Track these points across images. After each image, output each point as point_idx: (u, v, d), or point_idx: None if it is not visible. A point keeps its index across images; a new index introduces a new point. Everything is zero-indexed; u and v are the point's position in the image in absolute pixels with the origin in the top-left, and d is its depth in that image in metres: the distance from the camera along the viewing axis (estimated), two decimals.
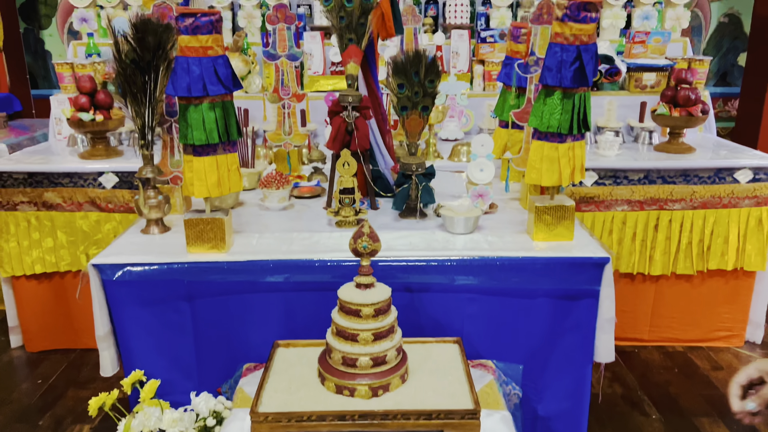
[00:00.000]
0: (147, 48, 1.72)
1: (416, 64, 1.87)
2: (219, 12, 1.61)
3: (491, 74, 3.23)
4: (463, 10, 3.40)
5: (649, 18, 3.38)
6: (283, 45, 2.42)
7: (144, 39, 1.71)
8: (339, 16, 1.99)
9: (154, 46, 1.73)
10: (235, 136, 1.69)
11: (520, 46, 2.18)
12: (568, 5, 1.52)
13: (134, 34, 1.71)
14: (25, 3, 4.17)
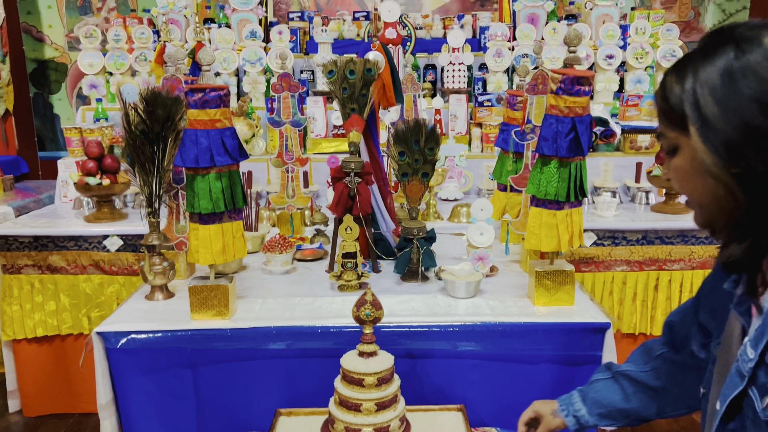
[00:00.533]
0: (156, 120, 1.78)
1: (416, 132, 1.94)
2: (227, 87, 1.67)
3: (489, 136, 3.31)
4: (460, 75, 3.50)
5: (642, 82, 3.49)
6: (287, 112, 2.49)
7: (154, 111, 1.77)
8: (342, 88, 2.07)
9: (164, 117, 1.79)
10: (241, 204, 1.73)
11: (516, 113, 2.25)
12: (562, 79, 1.59)
13: (144, 107, 1.77)
14: (36, 69, 4.31)
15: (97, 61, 3.47)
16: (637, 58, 3.46)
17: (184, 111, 1.76)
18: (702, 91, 0.78)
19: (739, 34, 0.79)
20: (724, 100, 0.77)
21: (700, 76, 0.79)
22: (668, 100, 0.84)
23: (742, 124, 0.76)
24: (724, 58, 0.78)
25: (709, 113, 0.78)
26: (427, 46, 3.77)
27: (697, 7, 4.36)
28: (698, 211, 0.88)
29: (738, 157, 0.77)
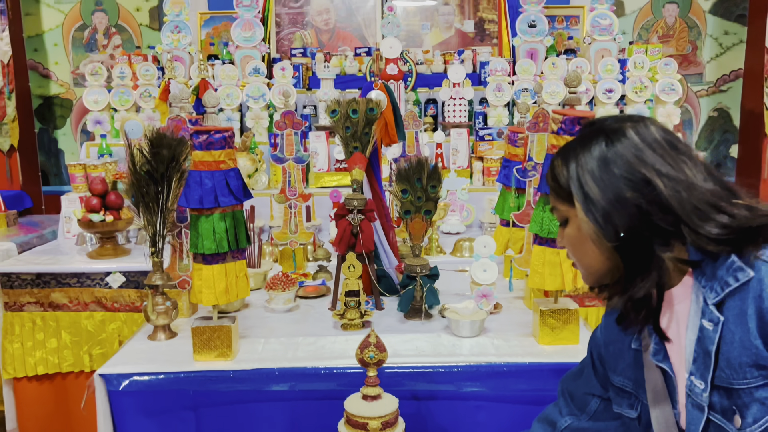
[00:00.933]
0: (161, 160, 1.80)
1: (419, 170, 1.95)
2: (231, 128, 1.69)
3: (490, 170, 3.33)
4: (461, 110, 3.54)
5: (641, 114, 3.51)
6: (290, 149, 2.52)
7: (159, 152, 1.79)
8: (345, 126, 2.09)
9: (168, 158, 1.80)
10: (244, 244, 1.73)
11: (517, 150, 2.27)
12: (562, 120, 1.61)
13: (150, 148, 1.79)
14: (42, 104, 4.37)
15: (102, 97, 3.51)
16: (637, 92, 3.50)
17: (189, 151, 1.78)
18: (583, 174, 0.98)
19: (607, 126, 1.00)
20: (601, 181, 0.96)
21: (581, 161, 0.99)
22: (557, 181, 1.03)
23: (615, 198, 0.95)
24: (598, 147, 0.98)
25: (590, 191, 0.97)
26: (428, 81, 3.82)
27: (694, 41, 4.43)
28: (585, 273, 1.06)
29: (612, 225, 0.95)
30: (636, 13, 4.44)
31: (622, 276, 0.98)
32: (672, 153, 0.96)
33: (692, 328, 0.96)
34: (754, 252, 0.91)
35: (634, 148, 0.96)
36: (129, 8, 4.35)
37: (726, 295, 0.92)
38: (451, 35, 4.28)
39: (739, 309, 0.91)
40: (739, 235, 0.91)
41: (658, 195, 0.92)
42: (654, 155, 0.95)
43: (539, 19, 3.77)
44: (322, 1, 4.24)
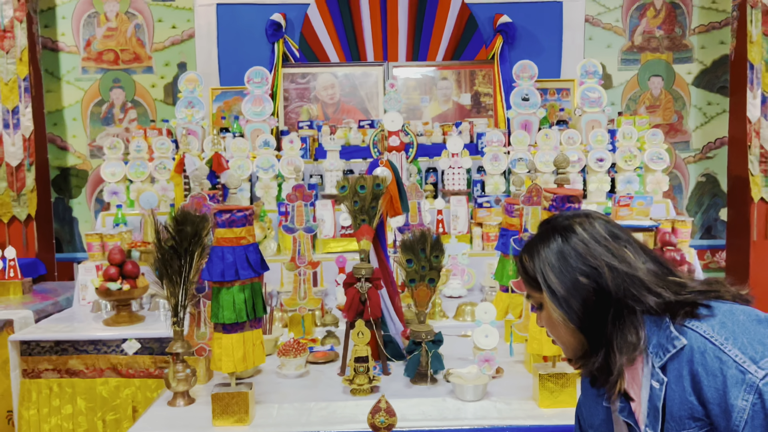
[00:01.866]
0: (185, 236, 1.94)
1: (422, 242, 2.10)
2: (251, 207, 1.85)
3: (488, 235, 3.47)
4: (460, 178, 3.71)
5: (632, 182, 3.70)
6: (300, 219, 2.67)
7: (183, 229, 1.94)
8: (353, 201, 2.25)
9: (192, 234, 1.95)
10: (261, 313, 1.86)
11: (513, 220, 2.42)
12: (553, 198, 1.77)
13: (175, 225, 1.94)
14: (59, 175, 4.56)
15: (119, 170, 3.69)
16: (626, 161, 3.69)
17: (210, 227, 1.93)
18: (545, 267, 1.18)
19: (560, 224, 1.21)
20: (560, 272, 1.16)
21: (542, 256, 1.19)
22: (527, 273, 1.23)
23: (572, 285, 1.15)
24: (555, 243, 1.19)
25: (551, 281, 1.17)
26: (428, 151, 4.00)
27: (679, 111, 4.67)
28: (564, 349, 1.26)
29: (573, 309, 1.16)
30: (623, 85, 4.68)
31: (587, 350, 1.18)
32: (615, 244, 1.16)
33: (645, 387, 1.14)
34: (684, 321, 1.10)
35: (583, 243, 1.16)
36: (145, 85, 4.58)
37: (667, 359, 1.10)
38: (449, 108, 4.48)
39: (677, 371, 1.09)
40: (668, 308, 1.12)
41: (605, 282, 1.13)
42: (599, 248, 1.15)
43: (532, 92, 4.01)
44: (328, 77, 4.46)
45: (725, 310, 1.10)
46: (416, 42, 4.51)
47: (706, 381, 1.04)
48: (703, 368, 1.05)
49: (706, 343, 1.06)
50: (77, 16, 4.53)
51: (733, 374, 1.02)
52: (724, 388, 1.02)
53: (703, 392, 1.05)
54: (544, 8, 4.50)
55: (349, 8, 4.49)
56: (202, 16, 4.46)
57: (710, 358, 1.04)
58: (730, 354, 1.03)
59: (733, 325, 1.06)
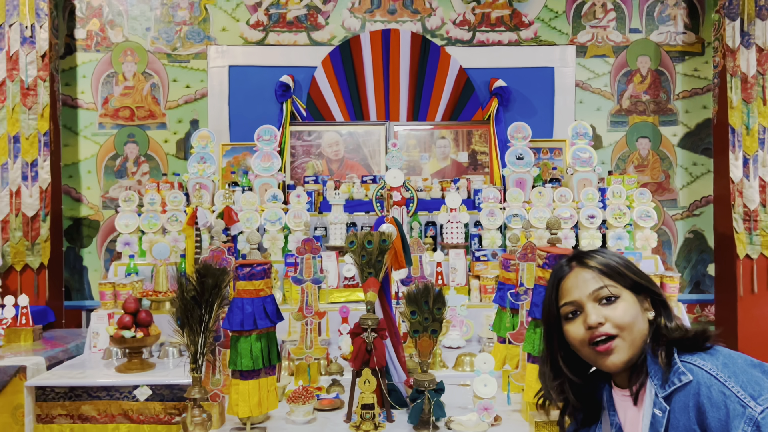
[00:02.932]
0: (206, 288, 2.09)
1: (426, 295, 2.25)
2: (270, 261, 2.01)
3: (486, 288, 3.61)
4: (458, 232, 3.88)
5: (622, 238, 3.88)
6: (308, 271, 2.81)
7: (205, 281, 2.09)
8: (361, 255, 2.42)
9: (212, 286, 2.10)
10: (276, 361, 1.99)
11: (510, 274, 2.59)
12: (546, 256, 1.94)
13: (197, 278, 2.09)
14: (72, 225, 4.72)
15: (133, 221, 3.84)
16: (616, 218, 3.87)
17: (230, 279, 2.08)
18: (630, 265, 1.40)
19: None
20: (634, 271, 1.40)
21: (624, 259, 1.42)
22: (610, 266, 1.38)
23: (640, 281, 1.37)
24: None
25: (634, 273, 1.38)
26: (427, 206, 4.17)
27: (666, 170, 4.90)
28: (626, 346, 1.33)
29: (651, 291, 1.38)
30: (612, 146, 4.90)
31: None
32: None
33: (647, 415, 1.29)
34: (691, 358, 1.26)
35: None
36: (158, 140, 4.79)
37: (672, 391, 1.25)
38: (448, 165, 4.68)
39: (683, 402, 1.23)
40: (677, 342, 1.29)
41: (656, 290, 1.40)
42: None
43: (526, 152, 4.23)
44: (333, 135, 4.63)
45: (726, 353, 1.27)
46: (416, 102, 4.73)
47: (710, 413, 1.19)
48: (709, 401, 1.19)
49: (711, 379, 1.21)
50: (97, 76, 4.76)
51: (735, 408, 1.17)
52: (726, 419, 1.17)
53: (707, 422, 1.19)
54: (537, 73, 4.75)
55: (353, 71, 4.74)
56: (215, 76, 4.70)
57: (715, 392, 1.20)
58: (733, 390, 1.19)
59: (734, 366, 1.22)
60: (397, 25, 4.81)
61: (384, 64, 4.74)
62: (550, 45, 4.83)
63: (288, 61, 4.74)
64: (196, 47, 4.77)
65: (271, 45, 4.79)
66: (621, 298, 1.34)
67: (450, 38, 4.84)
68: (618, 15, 4.87)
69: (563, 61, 4.77)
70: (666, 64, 4.87)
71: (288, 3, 4.82)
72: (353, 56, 4.73)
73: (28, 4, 4.21)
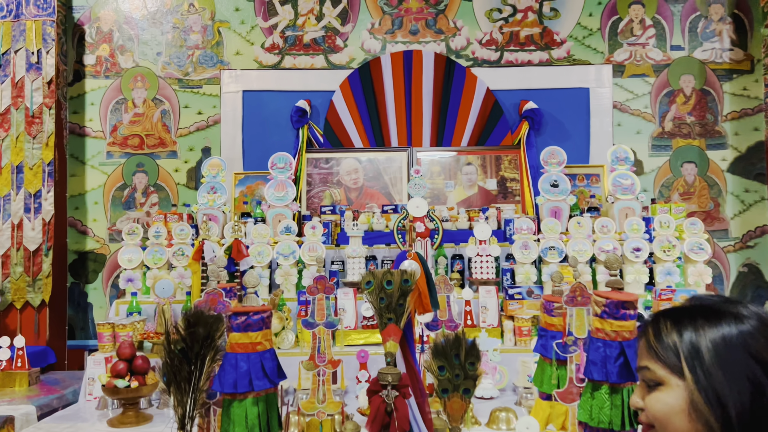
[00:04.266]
0: (197, 339, 1.78)
1: (456, 346, 1.91)
2: (270, 308, 1.69)
3: (521, 330, 3.25)
4: (488, 266, 3.54)
5: (672, 274, 3.48)
6: (321, 314, 2.49)
7: (195, 331, 1.78)
8: (379, 298, 2.08)
9: (204, 336, 1.79)
10: (276, 429, 1.66)
11: (553, 320, 2.23)
12: (605, 303, 1.58)
13: (186, 327, 1.79)
14: (76, 260, 4.48)
15: (137, 256, 3.58)
16: (665, 251, 3.49)
17: (225, 329, 1.77)
18: (703, 347, 0.96)
19: (727, 308, 1.00)
20: (724, 360, 0.95)
21: (702, 334, 0.98)
22: (662, 342, 1.01)
23: (734, 379, 0.94)
24: (726, 326, 0.97)
25: (709, 367, 0.95)
26: (453, 237, 3.85)
27: (715, 198, 4.50)
28: None
29: (720, 405, 0.94)
30: (655, 171, 4.55)
31: None
32: None
33: None
34: None
35: (762, 334, 0.97)
36: (168, 169, 4.58)
37: None
38: (474, 193, 4.38)
39: None
40: None
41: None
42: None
43: (561, 178, 3.89)
44: (352, 162, 4.41)
45: None
46: (441, 127, 4.50)
47: None
48: None
49: None
50: (105, 103, 4.58)
51: None
52: None
53: None
54: (571, 94, 4.48)
55: (373, 94, 4.52)
56: (228, 102, 4.51)
57: None
58: None
59: None
60: (420, 46, 4.58)
61: (406, 87, 4.52)
62: (584, 64, 4.56)
63: (304, 86, 4.54)
64: (209, 72, 4.59)
65: (287, 69, 4.59)
66: (665, 385, 1.01)
67: (476, 59, 4.60)
68: (658, 31, 4.56)
69: (599, 82, 4.49)
70: (712, 83, 4.53)
71: (305, 25, 4.61)
72: (373, 79, 4.52)
73: (35, 29, 4.05)
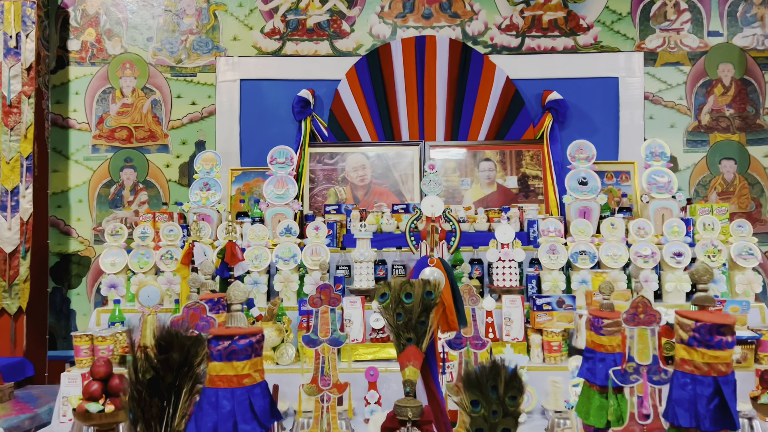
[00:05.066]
0: (170, 367, 1.42)
1: (494, 377, 1.53)
2: (260, 330, 1.33)
3: (551, 345, 2.89)
4: (512, 273, 3.18)
5: (717, 282, 3.12)
6: (325, 329, 2.17)
7: (168, 357, 1.41)
8: (396, 313, 1.72)
9: (179, 363, 1.42)
10: None
11: (603, 339, 1.86)
12: (695, 327, 1.22)
13: (157, 352, 1.42)
14: (59, 262, 4.13)
15: (120, 259, 3.25)
16: (710, 257, 3.13)
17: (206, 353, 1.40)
18: None
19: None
20: None
21: None
22: None
23: None
24: None
25: None
26: (471, 240, 3.50)
27: (757, 198, 4.14)
28: None
29: None
30: (691, 169, 4.25)
31: None
32: None
33: None
34: None
35: None
36: (159, 164, 4.27)
37: None
38: (493, 191, 4.08)
39: None
40: None
41: None
42: None
43: (590, 176, 3.54)
44: (359, 158, 4.11)
45: None
46: (456, 120, 4.22)
47: None
48: None
49: None
50: (91, 92, 4.28)
51: None
52: None
53: None
54: (598, 84, 4.19)
55: (383, 84, 4.22)
56: (225, 92, 4.21)
57: None
58: None
59: None
60: (433, 31, 4.28)
61: (418, 76, 4.22)
62: (613, 52, 4.25)
63: (307, 74, 4.26)
64: (204, 59, 4.29)
65: (289, 56, 4.30)
66: None
67: (495, 45, 4.33)
68: (694, 16, 4.24)
69: (629, 71, 4.19)
70: (753, 72, 4.22)
71: (308, 8, 4.29)
72: (382, 67, 4.23)
73: (14, 10, 3.71)
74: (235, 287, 1.36)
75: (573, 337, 2.93)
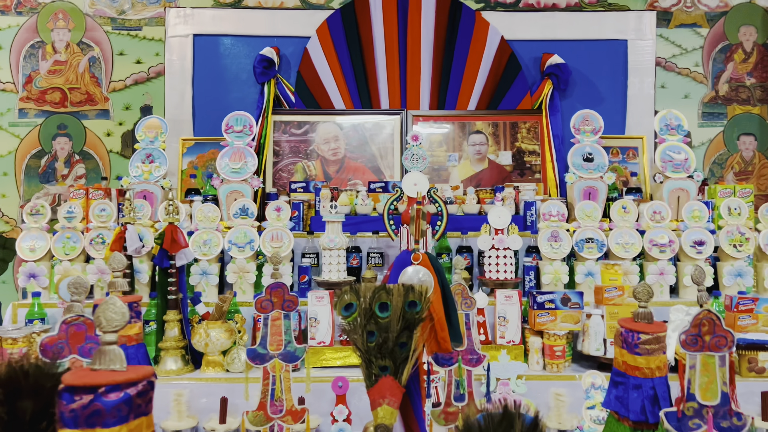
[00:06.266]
0: (20, 420, 0.95)
1: (507, 428, 1.07)
2: (151, 372, 0.83)
3: (554, 350, 2.49)
4: (506, 264, 2.76)
5: (743, 275, 2.75)
6: (277, 340, 1.78)
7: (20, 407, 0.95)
8: (366, 332, 1.24)
9: (33, 412, 0.96)
10: None
11: (639, 360, 1.41)
12: None
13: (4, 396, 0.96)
14: None
15: (41, 244, 2.85)
16: (735, 246, 2.74)
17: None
18: None
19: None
20: None
21: None
22: None
23: None
24: None
25: None
26: (459, 224, 3.12)
27: None
28: None
29: None
30: (706, 145, 3.99)
31: None
32: None
33: None
34: None
35: None
36: (98, 132, 3.89)
37: None
38: (484, 168, 3.82)
39: None
40: None
41: None
42: None
43: (596, 151, 3.18)
44: (331, 128, 3.80)
45: None
46: (443, 86, 3.95)
47: None
48: None
49: None
50: (17, 46, 3.89)
51: None
52: None
53: None
54: (605, 48, 3.91)
55: (359, 43, 3.91)
56: (175, 49, 3.85)
57: None
58: None
59: None
60: None
61: (400, 34, 3.94)
62: (622, 10, 3.97)
63: (272, 30, 3.93)
64: (151, 10, 3.95)
65: (250, 7, 3.97)
66: None
67: (488, 1, 4.04)
68: None
69: (639, 33, 3.91)
70: None
71: None
72: (359, 23, 3.94)
73: None
74: (109, 304, 0.86)
75: (579, 341, 2.56)
